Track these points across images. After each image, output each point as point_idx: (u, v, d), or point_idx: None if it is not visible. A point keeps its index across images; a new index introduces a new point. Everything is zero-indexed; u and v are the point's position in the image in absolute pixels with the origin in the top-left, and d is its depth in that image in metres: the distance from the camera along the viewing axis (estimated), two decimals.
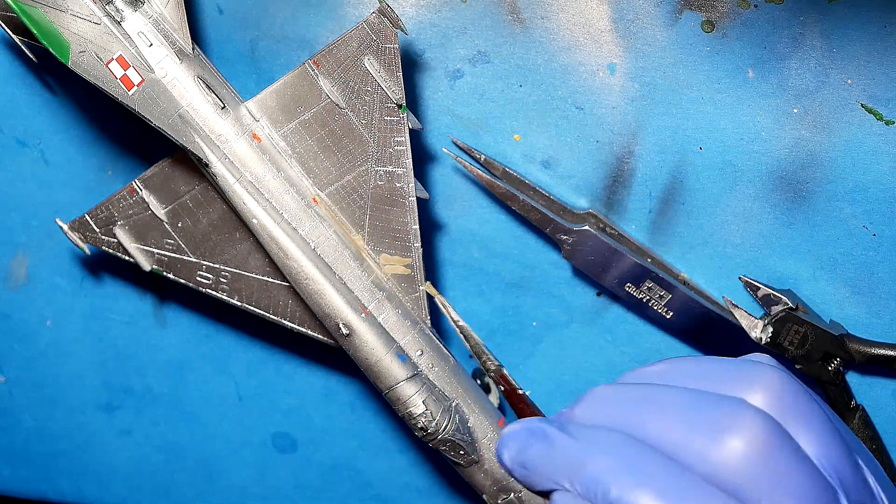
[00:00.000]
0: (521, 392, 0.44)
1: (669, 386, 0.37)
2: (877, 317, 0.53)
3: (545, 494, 0.39)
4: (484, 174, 0.53)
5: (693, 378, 0.38)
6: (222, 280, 0.50)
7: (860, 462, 0.37)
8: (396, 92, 0.47)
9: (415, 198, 0.48)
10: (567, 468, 0.37)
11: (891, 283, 0.52)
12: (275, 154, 0.47)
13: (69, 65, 0.42)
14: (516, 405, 0.44)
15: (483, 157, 0.54)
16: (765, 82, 0.51)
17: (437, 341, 0.48)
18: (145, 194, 0.49)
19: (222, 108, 0.46)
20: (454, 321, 0.46)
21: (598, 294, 0.57)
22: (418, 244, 0.48)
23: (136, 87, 0.44)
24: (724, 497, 0.34)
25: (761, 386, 0.36)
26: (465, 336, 0.46)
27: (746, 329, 0.52)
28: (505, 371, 0.44)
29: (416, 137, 0.55)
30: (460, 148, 0.54)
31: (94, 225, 0.51)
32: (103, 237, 0.51)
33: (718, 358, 0.39)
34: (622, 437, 0.36)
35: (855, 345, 0.52)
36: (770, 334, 0.52)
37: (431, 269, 0.58)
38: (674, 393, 0.37)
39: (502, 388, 0.44)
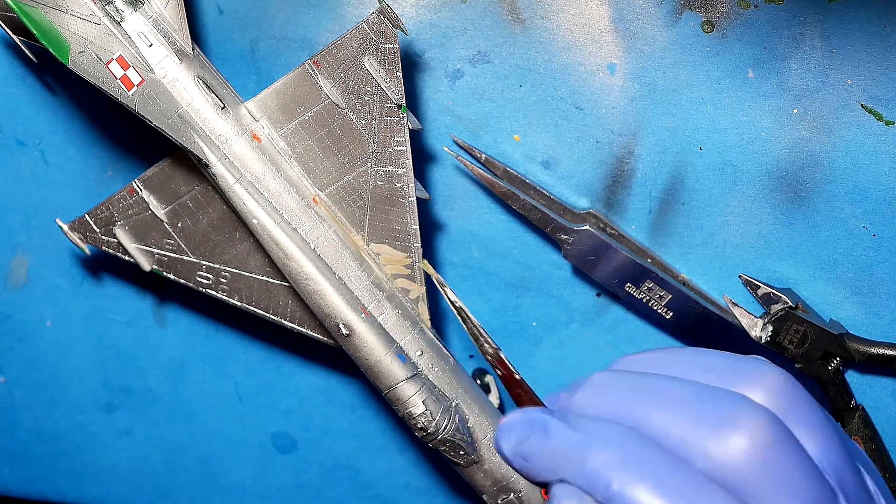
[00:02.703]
0: (518, 377, 0.43)
1: (671, 377, 0.37)
2: (877, 317, 0.53)
3: (545, 486, 0.38)
4: (485, 173, 0.53)
5: (694, 370, 0.38)
6: (222, 280, 0.50)
7: (860, 467, 0.37)
8: (396, 92, 0.47)
9: (415, 198, 0.48)
10: (568, 460, 0.36)
11: (891, 283, 0.52)
12: (275, 154, 0.47)
13: (69, 65, 0.42)
14: (513, 390, 0.43)
15: (484, 157, 0.54)
16: (765, 82, 0.51)
17: (437, 341, 0.48)
18: (145, 194, 0.49)
19: (222, 109, 0.46)
20: (451, 302, 0.46)
21: (598, 294, 0.57)
22: (418, 244, 0.48)
23: (136, 88, 0.44)
24: (724, 494, 0.33)
25: (763, 383, 0.36)
26: (462, 318, 0.45)
27: (746, 328, 0.52)
28: (503, 355, 0.44)
29: (416, 137, 0.55)
30: (461, 147, 0.54)
31: (94, 225, 0.51)
32: (103, 237, 0.51)
33: (719, 352, 0.39)
34: (624, 430, 0.36)
35: (855, 344, 0.52)
36: (770, 333, 0.52)
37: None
38: (676, 385, 0.36)
39: (499, 373, 0.43)
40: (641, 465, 0.34)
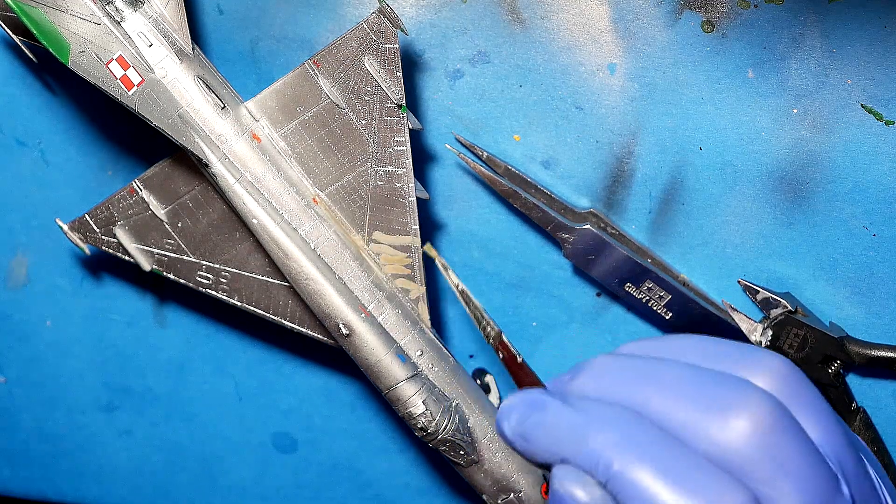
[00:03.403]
0: (520, 360, 0.43)
1: (673, 361, 0.37)
2: (877, 318, 0.53)
3: (546, 467, 0.38)
4: (486, 171, 0.53)
5: (696, 355, 0.37)
6: (222, 280, 0.50)
7: (862, 456, 0.37)
8: (396, 92, 0.47)
9: (415, 198, 0.48)
10: (569, 441, 0.36)
11: (891, 284, 0.52)
12: (275, 154, 0.47)
13: (69, 65, 0.42)
14: (515, 373, 0.43)
15: (485, 155, 0.54)
16: (765, 82, 0.51)
17: (437, 341, 0.48)
18: (145, 194, 0.49)
19: (222, 109, 0.46)
20: (454, 284, 0.45)
21: (598, 294, 0.57)
22: (418, 244, 0.48)
23: (136, 88, 0.44)
24: (726, 477, 0.33)
25: (766, 369, 0.36)
26: (465, 300, 0.45)
27: (746, 333, 0.52)
28: (505, 338, 0.44)
29: (416, 137, 0.55)
30: (463, 144, 0.54)
31: (94, 225, 0.51)
32: (103, 237, 0.51)
33: (723, 339, 0.39)
34: (625, 412, 0.36)
35: (855, 347, 0.52)
36: (769, 337, 0.52)
37: (431, 269, 0.58)
38: (678, 368, 0.36)
39: (501, 356, 0.43)
40: (643, 446, 0.34)
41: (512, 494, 0.47)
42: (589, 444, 0.35)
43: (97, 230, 0.51)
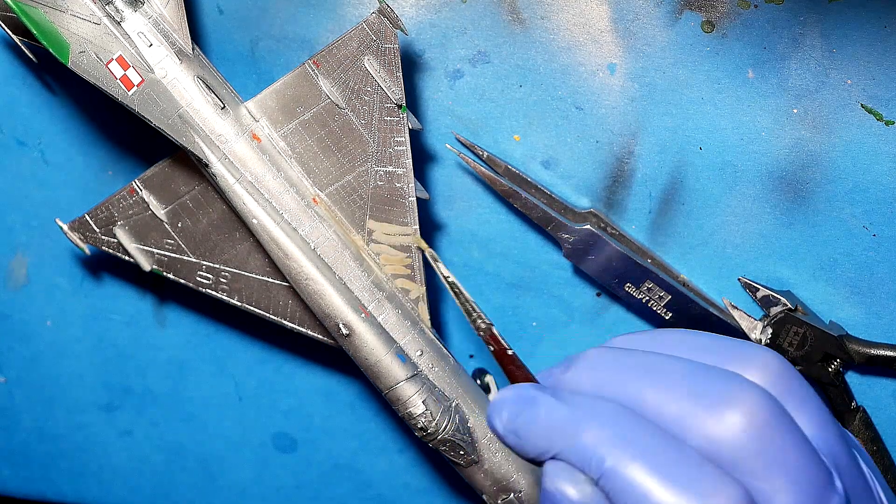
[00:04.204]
0: (510, 353, 0.42)
1: (667, 355, 0.37)
2: (877, 317, 0.53)
3: (538, 463, 0.38)
4: (486, 170, 0.53)
5: (689, 349, 0.37)
6: (222, 280, 0.50)
7: (855, 452, 0.37)
8: (396, 92, 0.47)
9: (415, 198, 0.48)
10: (561, 437, 0.36)
11: (891, 284, 0.52)
12: (275, 154, 0.47)
13: (69, 65, 0.42)
14: (506, 366, 0.43)
15: (486, 154, 0.54)
16: (765, 82, 0.51)
17: (437, 341, 0.48)
18: (145, 194, 0.49)
19: (222, 109, 0.46)
20: (444, 277, 0.45)
21: (598, 294, 0.57)
22: (418, 244, 0.48)
23: (135, 88, 0.44)
24: (718, 472, 0.33)
25: (759, 365, 0.36)
26: (455, 292, 0.45)
27: (746, 331, 0.52)
28: (495, 330, 0.43)
29: (416, 137, 0.55)
30: (463, 144, 0.54)
31: (94, 225, 0.51)
32: (103, 237, 0.51)
33: (716, 334, 0.39)
34: (617, 408, 0.35)
35: (854, 345, 0.52)
36: (769, 336, 0.52)
37: (431, 269, 0.58)
38: (672, 362, 0.36)
39: (492, 349, 0.43)
40: (636, 442, 0.34)
41: (512, 494, 0.47)
42: (581, 440, 0.35)
43: (97, 230, 0.51)
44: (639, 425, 0.35)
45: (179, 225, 0.50)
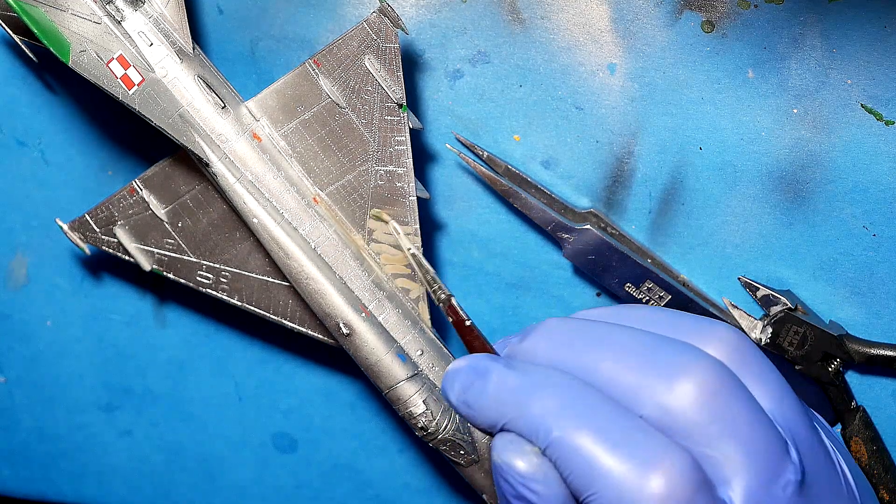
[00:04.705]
0: (468, 323, 0.43)
1: (624, 327, 0.36)
2: (877, 317, 0.53)
3: (491, 434, 0.38)
4: (486, 170, 0.53)
5: (648, 323, 0.37)
6: (222, 280, 0.50)
7: (816, 426, 0.37)
8: (397, 91, 0.47)
9: (415, 197, 0.48)
10: (510, 407, 0.36)
11: (891, 284, 0.52)
12: (275, 154, 0.47)
13: (69, 64, 0.42)
14: (464, 337, 0.43)
15: (486, 154, 0.54)
16: (765, 82, 0.51)
17: (438, 341, 0.48)
18: (145, 194, 0.49)
19: (222, 108, 0.46)
20: (406, 249, 0.46)
21: (598, 294, 0.57)
22: (418, 243, 0.48)
23: (136, 87, 0.44)
24: (665, 440, 0.33)
25: (717, 339, 0.36)
26: (416, 264, 0.45)
27: (746, 330, 0.52)
28: (454, 301, 0.44)
29: (417, 137, 0.55)
30: (463, 144, 0.54)
31: (94, 225, 0.51)
32: (103, 237, 0.51)
33: (678, 311, 0.38)
34: (567, 377, 0.35)
35: (854, 345, 0.52)
36: (769, 335, 0.52)
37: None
38: (628, 334, 0.36)
39: (451, 319, 0.43)
40: (584, 411, 0.34)
41: None
42: (529, 411, 0.35)
43: (97, 230, 0.51)
44: (588, 395, 0.34)
45: (180, 224, 0.50)
